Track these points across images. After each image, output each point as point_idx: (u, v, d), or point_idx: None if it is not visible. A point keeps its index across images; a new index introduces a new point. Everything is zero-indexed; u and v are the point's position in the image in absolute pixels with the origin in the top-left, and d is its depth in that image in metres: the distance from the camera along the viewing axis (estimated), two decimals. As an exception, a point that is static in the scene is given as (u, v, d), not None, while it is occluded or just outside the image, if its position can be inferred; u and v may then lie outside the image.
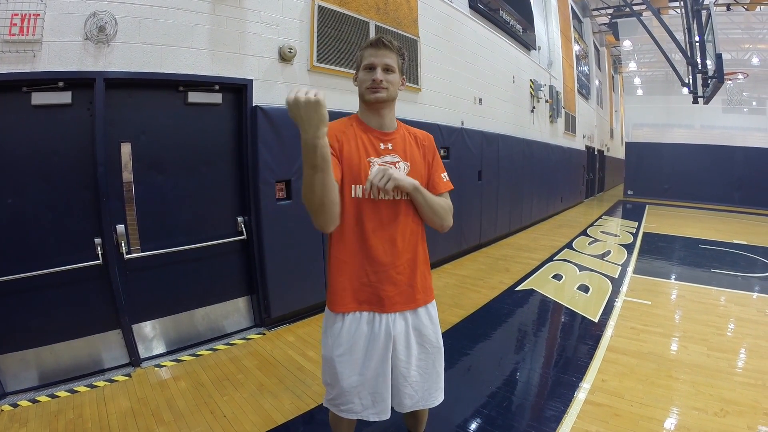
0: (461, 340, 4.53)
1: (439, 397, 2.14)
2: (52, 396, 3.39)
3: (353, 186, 1.89)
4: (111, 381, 3.66)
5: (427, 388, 2.09)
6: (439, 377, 2.14)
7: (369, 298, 1.96)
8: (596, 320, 5.06)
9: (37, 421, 3.06)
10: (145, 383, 3.64)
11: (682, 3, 12.96)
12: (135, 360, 3.92)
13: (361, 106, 2.02)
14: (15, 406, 3.24)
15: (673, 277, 7.12)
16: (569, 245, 9.52)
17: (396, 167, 1.94)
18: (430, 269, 2.16)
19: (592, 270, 7.38)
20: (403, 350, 2.00)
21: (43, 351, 3.56)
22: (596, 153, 21.56)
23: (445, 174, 2.11)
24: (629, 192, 21.27)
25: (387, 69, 1.89)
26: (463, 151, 7.83)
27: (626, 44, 23.39)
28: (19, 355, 3.45)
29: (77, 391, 3.47)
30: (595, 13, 20.64)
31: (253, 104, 4.51)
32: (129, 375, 3.77)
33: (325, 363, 2.04)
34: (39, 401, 3.32)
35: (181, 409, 3.26)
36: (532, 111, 11.92)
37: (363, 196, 1.90)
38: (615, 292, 6.11)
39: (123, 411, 3.21)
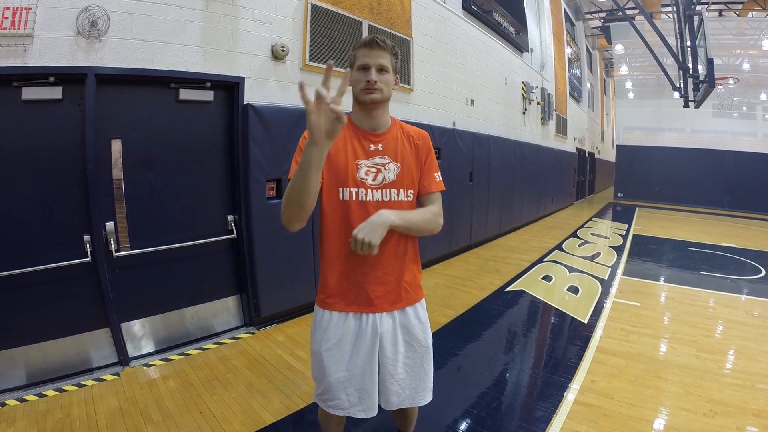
0: (451, 340, 4.53)
1: (426, 396, 2.14)
2: (40, 395, 3.36)
3: (340, 189, 1.89)
4: (99, 380, 3.63)
5: (414, 386, 2.09)
6: (427, 376, 2.13)
7: (358, 299, 1.96)
8: (586, 321, 5.08)
9: (25, 421, 3.03)
10: (133, 382, 3.61)
11: (674, 8, 13.05)
12: (124, 359, 3.89)
13: (354, 107, 2.00)
14: (2, 405, 3.20)
15: (663, 279, 7.16)
16: (559, 247, 9.56)
17: (385, 168, 1.94)
18: (420, 268, 2.16)
19: (581, 271, 7.41)
20: (390, 348, 2.00)
21: (31, 349, 3.52)
22: (587, 155, 21.67)
23: (439, 174, 2.09)
24: (619, 194, 21.42)
25: (381, 69, 1.87)
26: (454, 152, 7.84)
27: (618, 48, 23.56)
28: (6, 353, 3.41)
29: (65, 390, 3.44)
30: (588, 16, 20.74)
31: (245, 102, 4.50)
32: (117, 374, 3.74)
33: (314, 357, 2.04)
34: (27, 400, 3.28)
35: (169, 408, 3.24)
36: (524, 113, 11.97)
37: (351, 198, 1.89)
38: (604, 294, 6.14)
39: (111, 410, 3.18)
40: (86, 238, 3.69)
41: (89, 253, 3.68)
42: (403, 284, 2.02)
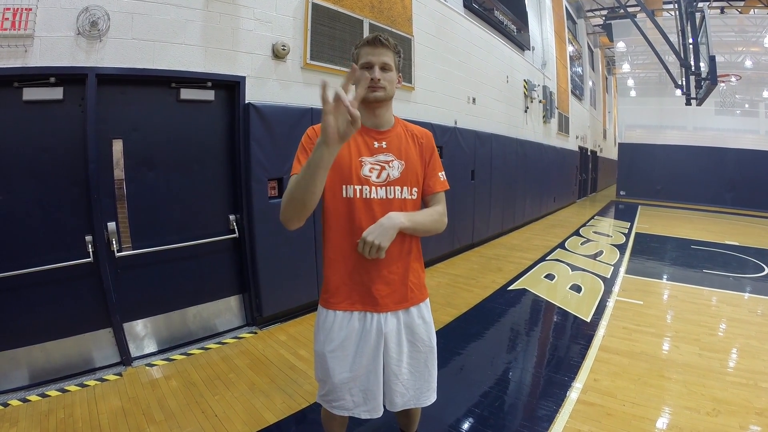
0: (454, 339, 4.53)
1: (431, 397, 2.13)
2: (43, 395, 3.36)
3: (344, 186, 1.88)
4: (102, 380, 3.63)
5: (418, 387, 2.08)
6: (431, 376, 2.12)
7: (362, 298, 1.95)
8: (588, 320, 5.07)
9: (28, 421, 3.03)
10: (136, 382, 3.61)
11: (676, 5, 13.01)
12: (126, 359, 3.89)
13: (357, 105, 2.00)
14: (5, 405, 3.21)
15: (665, 277, 7.15)
16: (562, 245, 9.54)
17: (389, 166, 1.93)
18: (423, 267, 2.15)
19: (584, 270, 7.40)
20: (395, 348, 1.99)
21: (34, 350, 3.53)
22: (589, 154, 21.66)
23: (443, 173, 2.09)
24: (622, 193, 21.39)
25: (384, 67, 1.87)
26: (456, 150, 7.83)
27: (620, 46, 23.44)
28: (9, 353, 3.41)
29: (68, 391, 3.44)
30: (590, 14, 20.72)
31: (246, 101, 4.49)
32: (120, 374, 3.74)
33: (317, 358, 2.03)
34: (29, 401, 3.28)
35: (172, 408, 3.24)
36: (526, 111, 11.95)
37: (355, 195, 1.89)
38: (607, 292, 6.13)
39: (114, 410, 3.18)
40: (88, 238, 3.69)
41: (91, 253, 3.68)
42: (407, 284, 2.01)
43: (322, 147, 1.52)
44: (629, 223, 13.14)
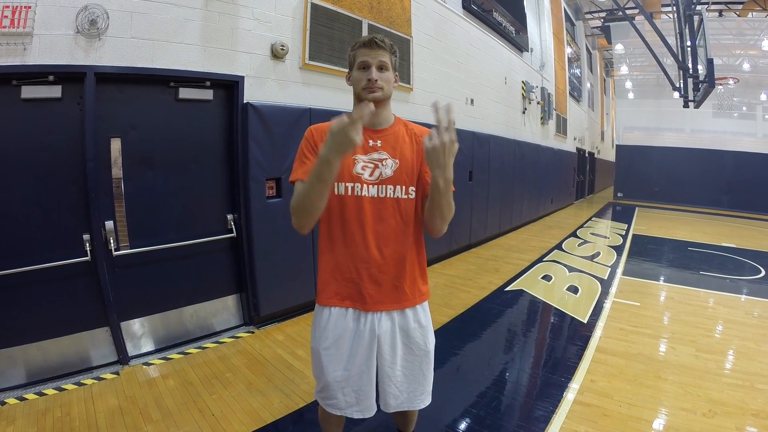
0: (451, 340, 4.53)
1: (425, 400, 2.12)
2: (40, 394, 3.36)
3: (336, 183, 1.88)
4: (99, 379, 3.62)
5: (412, 390, 2.07)
6: (426, 380, 2.11)
7: (351, 295, 1.95)
8: (585, 321, 5.08)
9: (25, 420, 3.03)
10: (133, 381, 3.61)
11: (674, 8, 13.05)
12: (123, 358, 3.88)
13: (354, 105, 2.00)
14: (2, 404, 3.20)
15: (662, 278, 7.16)
16: (559, 246, 9.56)
17: (383, 164, 1.94)
18: (424, 272, 2.13)
19: (581, 271, 7.42)
20: (388, 350, 1.99)
21: (31, 348, 3.52)
22: (587, 155, 21.67)
23: None
24: (619, 194, 21.43)
25: (381, 67, 1.89)
26: (454, 151, 7.80)
27: (618, 48, 23.53)
28: (6, 352, 3.41)
29: (65, 389, 3.44)
30: (588, 16, 20.73)
31: (244, 101, 4.49)
32: (117, 373, 3.74)
33: (313, 355, 2.04)
34: (26, 399, 3.28)
35: (169, 407, 3.24)
36: (524, 112, 11.96)
37: (346, 193, 1.90)
38: (604, 294, 6.14)
39: (111, 409, 3.18)
40: (86, 236, 3.69)
41: (89, 251, 3.68)
42: (401, 285, 1.99)
43: (337, 157, 1.61)
44: (626, 225, 13.18)
